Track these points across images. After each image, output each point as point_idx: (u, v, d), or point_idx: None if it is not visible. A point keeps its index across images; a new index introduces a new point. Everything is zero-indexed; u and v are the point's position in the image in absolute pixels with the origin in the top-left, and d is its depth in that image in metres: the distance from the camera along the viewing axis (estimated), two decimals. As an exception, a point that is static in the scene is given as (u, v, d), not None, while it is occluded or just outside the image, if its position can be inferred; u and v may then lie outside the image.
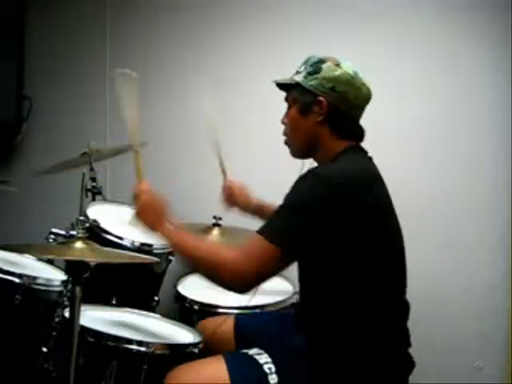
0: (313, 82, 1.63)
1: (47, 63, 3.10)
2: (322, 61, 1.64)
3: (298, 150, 1.71)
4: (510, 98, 2.60)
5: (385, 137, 2.64)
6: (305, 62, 1.68)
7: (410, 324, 1.68)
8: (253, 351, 1.57)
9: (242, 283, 1.53)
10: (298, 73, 1.68)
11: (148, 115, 3.01)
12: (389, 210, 1.63)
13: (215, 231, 2.54)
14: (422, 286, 2.58)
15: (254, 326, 1.84)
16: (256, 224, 2.71)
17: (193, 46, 2.92)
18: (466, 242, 2.66)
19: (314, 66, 1.64)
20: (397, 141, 2.68)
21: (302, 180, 1.54)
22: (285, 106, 1.74)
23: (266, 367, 1.51)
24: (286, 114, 1.72)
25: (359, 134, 1.68)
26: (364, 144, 1.72)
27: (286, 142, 1.73)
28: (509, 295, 2.60)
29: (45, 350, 1.75)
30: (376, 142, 1.73)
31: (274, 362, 1.53)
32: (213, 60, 2.89)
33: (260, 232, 1.52)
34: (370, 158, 1.69)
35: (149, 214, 1.69)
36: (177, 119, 2.96)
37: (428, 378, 2.43)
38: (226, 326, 1.85)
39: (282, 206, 1.54)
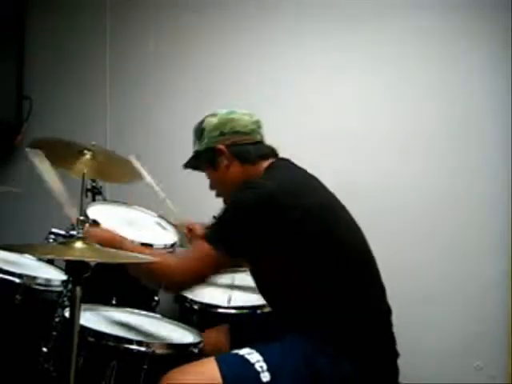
0: (204, 141, 1.81)
1: (47, 63, 3.10)
2: (200, 123, 1.84)
3: (228, 197, 1.83)
4: (509, 98, 2.60)
5: (384, 138, 2.65)
6: (193, 134, 1.88)
7: (410, 324, 1.68)
8: (244, 351, 1.59)
9: (184, 282, 1.73)
10: (194, 145, 1.87)
11: (148, 115, 3.03)
12: (324, 213, 1.69)
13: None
14: (422, 286, 2.58)
15: (245, 331, 1.89)
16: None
17: (193, 45, 2.92)
18: (466, 243, 2.66)
19: (198, 130, 1.84)
20: (396, 142, 2.68)
21: (241, 190, 1.69)
22: (281, 106, 1.75)
23: (257, 366, 1.54)
24: (210, 181, 1.88)
25: (269, 151, 1.81)
26: (365, 146, 1.73)
27: (224, 200, 1.87)
28: (509, 295, 2.59)
29: (45, 350, 1.74)
30: (376, 143, 1.73)
31: (265, 360, 1.55)
32: (213, 60, 2.89)
33: (206, 236, 1.70)
34: (296, 166, 1.80)
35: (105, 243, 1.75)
36: (176, 118, 2.96)
37: (428, 378, 2.44)
38: (223, 337, 1.87)
39: (220, 214, 1.72)
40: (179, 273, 1.69)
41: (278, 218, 1.60)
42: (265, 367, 1.53)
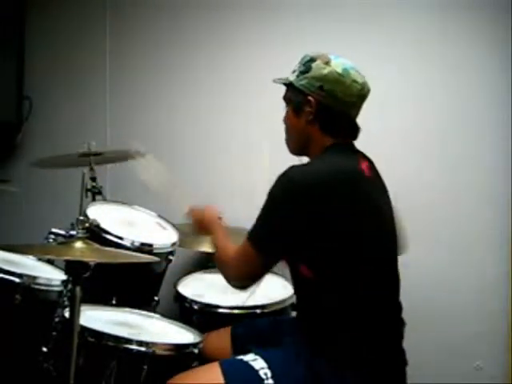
0: (303, 82, 1.64)
1: (47, 63, 3.10)
2: (312, 59, 1.65)
3: (293, 148, 1.74)
4: (509, 97, 2.60)
5: (384, 137, 2.64)
6: (299, 61, 1.69)
7: (410, 324, 1.68)
8: (248, 357, 1.57)
9: (236, 282, 1.68)
10: (293, 72, 1.69)
11: (148, 115, 3.03)
12: (363, 208, 1.59)
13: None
14: (421, 286, 2.58)
15: (249, 335, 1.84)
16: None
17: (193, 45, 2.92)
18: (466, 242, 2.66)
19: (305, 65, 1.65)
20: (396, 141, 2.68)
21: (275, 182, 1.58)
22: (282, 106, 1.74)
23: (261, 372, 1.52)
24: (285, 114, 1.73)
25: (352, 131, 1.69)
26: (364, 144, 1.72)
27: (285, 140, 1.75)
28: (509, 295, 2.60)
29: (45, 349, 1.74)
30: (375, 142, 1.73)
31: (269, 368, 1.53)
32: (213, 60, 2.89)
33: (248, 237, 1.61)
34: (358, 155, 1.69)
35: (202, 229, 1.90)
36: (177, 119, 2.96)
37: (428, 378, 2.44)
38: (223, 341, 1.86)
39: (261, 209, 1.60)
40: (231, 273, 1.67)
41: (308, 211, 1.51)
42: (269, 374, 1.52)
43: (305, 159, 1.73)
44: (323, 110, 1.63)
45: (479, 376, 2.62)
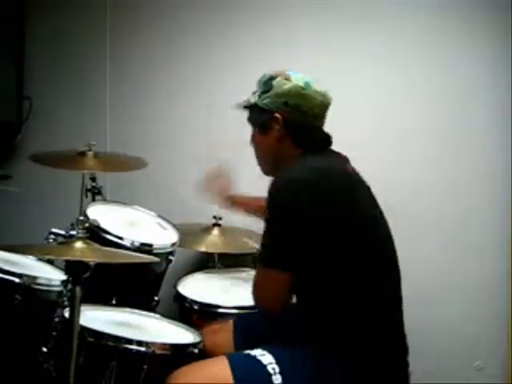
0: (266, 101, 1.68)
1: (47, 63, 3.10)
2: (272, 77, 1.70)
3: (267, 168, 1.75)
4: (509, 97, 2.60)
5: (383, 137, 2.65)
6: (258, 82, 1.74)
7: (411, 324, 1.68)
8: (256, 352, 1.57)
9: (267, 310, 1.67)
10: (254, 93, 1.74)
11: (148, 115, 3.03)
12: (357, 207, 1.61)
13: (215, 231, 2.54)
14: (421, 286, 2.58)
15: (252, 330, 1.84)
16: (256, 224, 2.72)
17: (193, 45, 2.92)
18: (466, 242, 2.66)
19: (266, 84, 1.70)
20: (395, 141, 2.68)
21: (270, 196, 1.57)
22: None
23: (269, 367, 1.52)
24: (251, 136, 1.77)
25: (325, 140, 1.71)
26: (364, 144, 1.72)
27: (258, 163, 1.78)
28: (509, 295, 2.60)
29: (45, 350, 1.74)
30: (375, 142, 1.73)
31: (277, 363, 1.53)
32: (214, 60, 2.89)
33: (261, 261, 1.60)
34: (333, 154, 1.71)
35: None
36: (177, 119, 2.96)
37: (428, 378, 2.43)
38: (225, 332, 1.86)
39: (264, 231, 1.59)
40: (257, 300, 1.64)
41: (311, 216, 1.52)
42: (277, 369, 1.51)
43: None
44: (291, 124, 1.66)
45: (479, 376, 2.62)
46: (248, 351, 1.59)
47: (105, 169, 2.38)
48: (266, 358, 1.55)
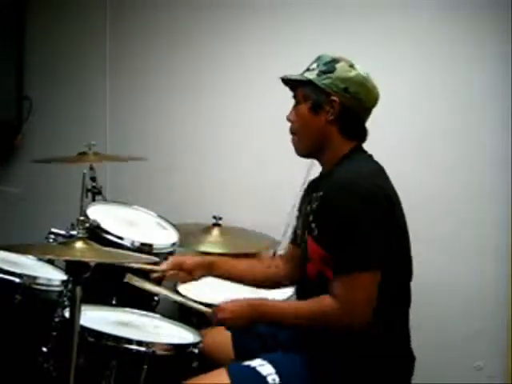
0: (326, 81, 1.62)
1: (47, 63, 3.10)
2: (335, 60, 1.64)
3: (305, 148, 1.69)
4: (509, 97, 2.60)
5: (383, 137, 2.64)
6: (317, 60, 1.67)
7: (411, 324, 1.68)
8: (255, 362, 1.56)
9: (359, 323, 1.51)
10: (309, 70, 1.67)
11: (148, 115, 3.03)
12: (401, 209, 1.67)
13: (215, 231, 2.54)
14: (421, 286, 2.56)
15: (252, 333, 1.83)
16: (257, 224, 2.73)
17: (193, 47, 2.92)
18: (466, 242, 2.66)
19: (328, 65, 1.63)
20: (395, 141, 2.68)
21: (345, 197, 1.53)
22: (286, 103, 1.73)
23: (269, 379, 1.51)
24: (294, 111, 1.69)
25: (364, 135, 1.70)
26: (365, 145, 1.73)
27: (292, 140, 1.71)
28: (509, 295, 2.59)
29: (45, 349, 1.74)
30: (374, 142, 1.73)
31: (277, 373, 1.52)
32: (213, 60, 2.89)
33: (353, 268, 1.50)
34: (374, 159, 1.71)
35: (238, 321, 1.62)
36: (177, 119, 2.96)
37: (428, 378, 2.43)
38: (224, 335, 1.85)
39: (351, 234, 1.52)
40: (350, 318, 1.50)
41: (388, 215, 1.56)
42: (277, 380, 1.51)
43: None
44: (345, 111, 1.62)
45: (479, 376, 2.62)
46: (248, 362, 1.57)
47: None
48: (265, 368, 1.53)
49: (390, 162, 1.71)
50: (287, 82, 1.70)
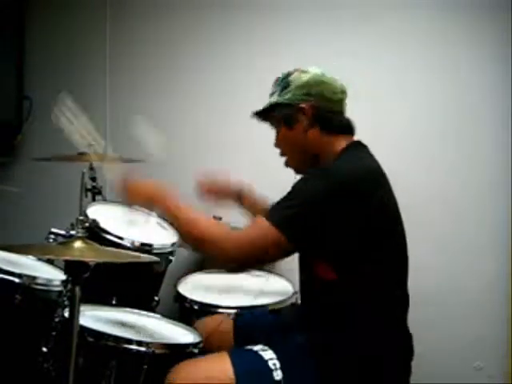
0: (287, 96, 1.68)
1: (47, 63, 3.10)
2: (288, 74, 1.71)
3: (301, 163, 1.72)
4: (509, 97, 2.60)
5: (383, 137, 2.64)
6: (274, 84, 1.74)
7: (411, 325, 1.68)
8: (257, 347, 1.59)
9: (238, 259, 1.59)
10: (271, 95, 1.73)
11: (148, 115, 3.02)
12: (393, 207, 1.65)
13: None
14: (421, 287, 2.57)
15: (253, 325, 1.85)
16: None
17: (193, 45, 2.92)
18: (466, 243, 2.66)
19: (283, 82, 1.70)
20: (395, 141, 2.68)
21: (309, 175, 1.59)
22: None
23: (270, 363, 1.53)
24: (277, 137, 1.75)
25: (348, 125, 1.72)
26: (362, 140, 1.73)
27: (287, 163, 1.75)
28: (509, 295, 2.59)
29: (45, 349, 1.74)
30: (375, 142, 1.73)
31: (278, 359, 1.54)
32: (214, 60, 2.89)
33: (266, 217, 1.55)
34: (372, 155, 1.70)
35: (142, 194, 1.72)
36: (177, 119, 2.96)
37: (428, 378, 2.43)
38: (225, 324, 1.86)
39: (287, 196, 1.57)
40: (232, 248, 1.56)
41: (350, 209, 1.51)
42: (278, 365, 1.53)
43: None
44: (318, 112, 1.66)
45: (479, 376, 2.62)
46: (249, 346, 1.60)
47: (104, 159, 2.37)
48: (267, 353, 1.55)
49: (390, 162, 1.71)
50: (259, 116, 1.78)
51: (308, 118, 1.66)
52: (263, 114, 1.76)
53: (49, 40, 3.10)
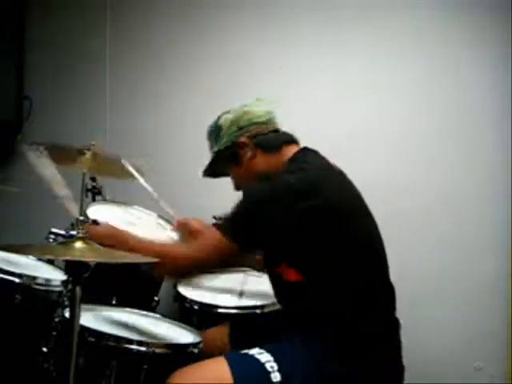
0: (223, 140, 1.79)
1: (47, 63, 3.10)
2: (216, 120, 1.83)
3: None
4: (509, 97, 2.60)
5: (384, 138, 2.64)
6: (208, 136, 1.85)
7: (411, 324, 1.68)
8: (254, 351, 1.59)
9: (178, 262, 1.71)
10: (211, 148, 1.84)
11: (148, 115, 3.03)
12: (345, 204, 1.66)
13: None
14: (421, 287, 2.58)
15: (248, 331, 1.86)
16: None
17: (193, 45, 2.92)
18: (466, 243, 2.66)
19: (214, 129, 1.82)
20: (395, 141, 2.68)
21: (259, 184, 1.68)
22: (287, 104, 1.75)
23: (268, 365, 1.53)
24: (233, 180, 1.85)
25: (287, 137, 1.79)
26: (366, 145, 1.73)
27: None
28: (509, 295, 2.60)
29: (45, 349, 1.74)
30: (375, 143, 1.73)
31: (275, 361, 1.54)
32: (214, 60, 2.90)
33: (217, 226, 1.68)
34: (320, 156, 1.76)
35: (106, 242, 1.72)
36: (178, 119, 2.96)
37: (428, 378, 2.44)
38: (221, 336, 1.86)
39: (236, 205, 1.65)
40: (182, 256, 1.70)
41: (295, 209, 1.56)
42: (275, 367, 1.53)
43: None
44: (255, 139, 1.76)
45: (479, 376, 2.62)
46: (246, 350, 1.60)
47: (100, 170, 2.37)
48: (263, 356, 1.56)
49: (390, 162, 1.71)
50: (209, 172, 1.88)
51: (249, 148, 1.76)
52: (213, 170, 1.87)
53: (49, 40, 3.10)
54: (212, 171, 1.89)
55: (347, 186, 1.72)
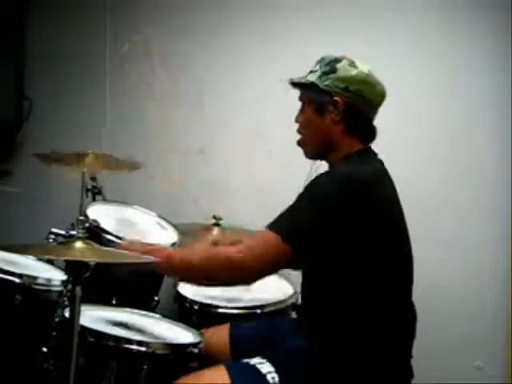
0: (327, 82, 1.63)
1: (47, 63, 3.10)
2: (337, 60, 1.64)
3: (314, 149, 1.71)
4: (509, 98, 2.60)
5: (386, 139, 2.64)
6: (319, 62, 1.67)
7: (410, 324, 1.68)
8: (255, 361, 1.56)
9: (250, 277, 1.60)
10: (312, 72, 1.68)
11: (148, 115, 3.02)
12: (397, 212, 1.64)
13: (215, 231, 2.54)
14: (421, 287, 2.57)
15: (249, 335, 1.83)
16: (257, 224, 2.72)
17: (193, 45, 2.92)
18: (466, 243, 2.66)
19: (329, 66, 1.64)
20: (395, 141, 2.68)
21: (315, 180, 1.57)
22: (292, 106, 1.74)
23: (269, 377, 1.50)
24: (301, 113, 1.71)
25: (372, 133, 1.70)
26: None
27: (300, 142, 1.72)
28: (509, 295, 2.60)
29: (45, 349, 1.74)
30: (375, 143, 1.74)
31: (277, 371, 1.51)
32: (213, 60, 2.89)
33: (268, 226, 1.55)
34: (381, 161, 1.70)
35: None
36: (177, 120, 2.96)
37: (428, 378, 2.43)
38: (221, 336, 1.85)
39: (293, 203, 1.56)
40: (251, 261, 1.55)
41: (352, 209, 1.50)
42: (276, 379, 1.50)
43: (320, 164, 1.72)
44: (350, 110, 1.63)
45: (479, 376, 2.62)
46: (247, 360, 1.57)
47: (103, 166, 2.38)
48: (265, 366, 1.53)
49: (390, 162, 1.71)
50: (296, 85, 1.72)
51: (338, 112, 1.62)
52: (300, 87, 1.71)
53: (49, 40, 3.09)
54: (300, 86, 1.71)
55: (397, 199, 1.66)
